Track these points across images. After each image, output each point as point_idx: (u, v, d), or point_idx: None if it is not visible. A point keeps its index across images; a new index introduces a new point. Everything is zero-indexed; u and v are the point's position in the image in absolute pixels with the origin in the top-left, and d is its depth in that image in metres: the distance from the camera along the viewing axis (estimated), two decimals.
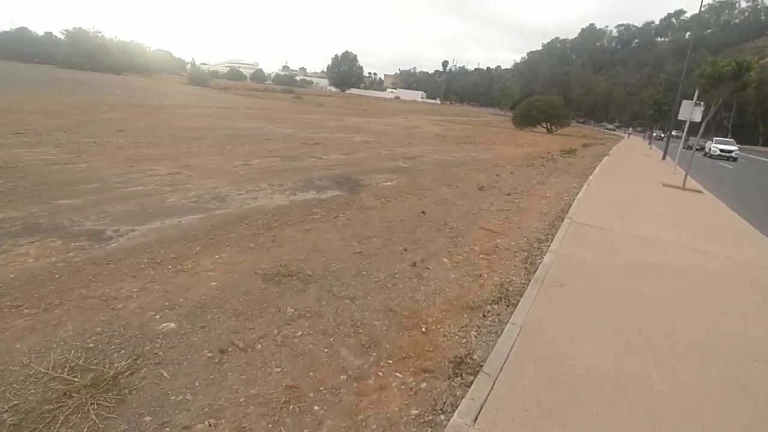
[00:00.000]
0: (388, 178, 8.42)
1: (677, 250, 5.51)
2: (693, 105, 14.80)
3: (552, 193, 9.13)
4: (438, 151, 14.43)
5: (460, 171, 10.52)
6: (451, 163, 11.90)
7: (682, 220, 7.45)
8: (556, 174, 12.29)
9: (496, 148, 18.92)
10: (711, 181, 14.89)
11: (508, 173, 11.20)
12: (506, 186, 9.28)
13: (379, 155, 11.70)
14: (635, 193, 9.78)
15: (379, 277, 3.99)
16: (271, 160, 9.08)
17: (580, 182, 10.93)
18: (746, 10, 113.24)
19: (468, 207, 6.94)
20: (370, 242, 4.81)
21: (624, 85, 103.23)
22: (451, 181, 9.04)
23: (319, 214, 5.56)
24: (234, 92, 50.94)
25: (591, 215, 6.98)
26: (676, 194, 10.41)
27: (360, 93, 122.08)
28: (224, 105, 28.74)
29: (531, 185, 9.81)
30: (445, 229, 5.65)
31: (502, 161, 13.87)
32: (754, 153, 42.98)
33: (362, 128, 21.63)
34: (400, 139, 17.90)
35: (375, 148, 13.38)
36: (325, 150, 11.75)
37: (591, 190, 9.59)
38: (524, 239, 5.61)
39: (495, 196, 8.11)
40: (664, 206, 8.55)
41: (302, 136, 15.01)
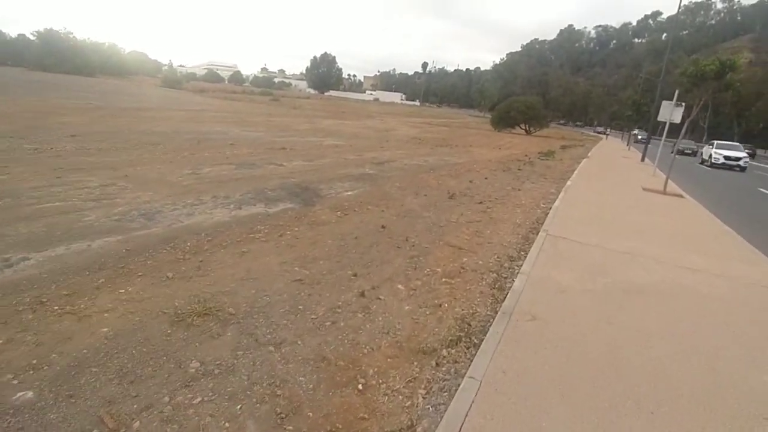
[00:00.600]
0: (350, 187, 7.76)
1: (663, 268, 5.01)
2: (673, 106, 14.61)
3: (528, 200, 8.62)
4: (410, 156, 13.85)
5: (431, 177, 9.95)
6: (422, 168, 11.32)
7: (666, 229, 7.01)
8: (533, 179, 11.84)
9: (473, 151, 18.47)
10: (689, 183, 14.70)
11: (483, 179, 10.68)
12: (479, 193, 8.73)
13: (345, 161, 11.04)
14: (615, 200, 9.36)
15: (317, 312, 3.33)
16: (226, 167, 8.33)
17: (557, 187, 10.48)
18: (722, 11, 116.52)
19: (434, 219, 6.35)
20: (315, 266, 4.15)
21: (602, 86, 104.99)
22: (419, 188, 8.45)
23: (263, 232, 4.88)
24: (210, 94, 49.60)
25: (568, 226, 6.46)
26: (657, 200, 10.04)
27: (339, 95, 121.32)
28: (195, 108, 27.68)
29: (506, 192, 9.29)
30: (406, 246, 5.03)
31: (478, 165, 13.37)
32: None
33: (335, 131, 20.94)
34: (373, 143, 17.28)
35: (343, 153, 12.73)
36: (289, 155, 11.04)
37: (569, 196, 9.13)
38: (494, 257, 5.03)
39: (466, 205, 7.54)
40: (646, 214, 8.12)
41: (269, 140, 14.25)
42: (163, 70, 76.50)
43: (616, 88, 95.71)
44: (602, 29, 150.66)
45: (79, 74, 52.43)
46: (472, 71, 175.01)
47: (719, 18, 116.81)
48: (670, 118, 14.81)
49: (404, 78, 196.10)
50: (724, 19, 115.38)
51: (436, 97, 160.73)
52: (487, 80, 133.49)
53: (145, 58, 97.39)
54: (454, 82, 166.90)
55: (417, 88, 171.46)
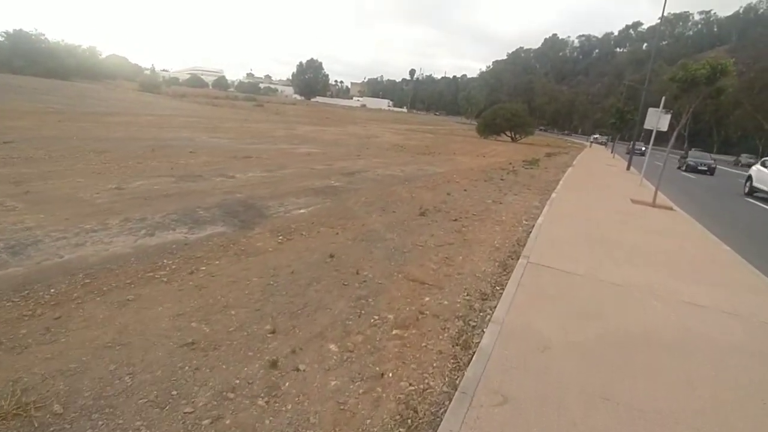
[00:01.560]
0: (305, 203, 6.76)
1: (664, 306, 4.13)
2: (660, 113, 14.01)
3: (509, 215, 7.74)
4: (387, 165, 12.93)
5: (404, 189, 9.01)
6: (396, 179, 10.39)
7: (660, 250, 6.18)
8: (516, 189, 11.00)
9: (455, 160, 17.65)
10: (675, 192, 14.06)
11: (462, 190, 9.79)
12: (456, 208, 7.82)
13: (312, 171, 10.04)
14: (603, 214, 8.55)
15: (196, 402, 2.33)
16: (164, 180, 7.27)
17: (542, 200, 9.66)
18: (699, 22, 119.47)
19: (399, 242, 5.39)
20: (222, 319, 3.15)
21: (586, 94, 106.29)
22: (388, 203, 7.50)
23: (168, 268, 3.85)
24: (190, 99, 48.15)
25: (553, 250, 5.57)
26: (647, 213, 9.28)
27: (326, 101, 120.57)
28: (167, 113, 26.41)
29: (485, 206, 8.41)
30: (355, 283, 4.06)
31: (458, 175, 12.51)
32: None
33: (312, 138, 19.96)
34: (350, 150, 16.34)
35: (313, 162, 11.74)
36: (249, 165, 10.01)
37: (554, 210, 8.28)
38: (463, 294, 4.10)
39: (439, 223, 6.61)
40: (637, 231, 7.30)
41: (236, 148, 13.20)
42: (144, 75, 74.41)
43: (599, 96, 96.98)
44: (585, 39, 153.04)
45: (53, 77, 50.52)
46: (458, 78, 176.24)
47: (697, 29, 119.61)
48: (657, 125, 14.22)
49: (392, 85, 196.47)
50: (702, 30, 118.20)
51: (423, 104, 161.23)
52: (474, 87, 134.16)
53: (125, 62, 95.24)
54: (441, 89, 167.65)
55: (404, 94, 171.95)
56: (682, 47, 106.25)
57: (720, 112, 62.12)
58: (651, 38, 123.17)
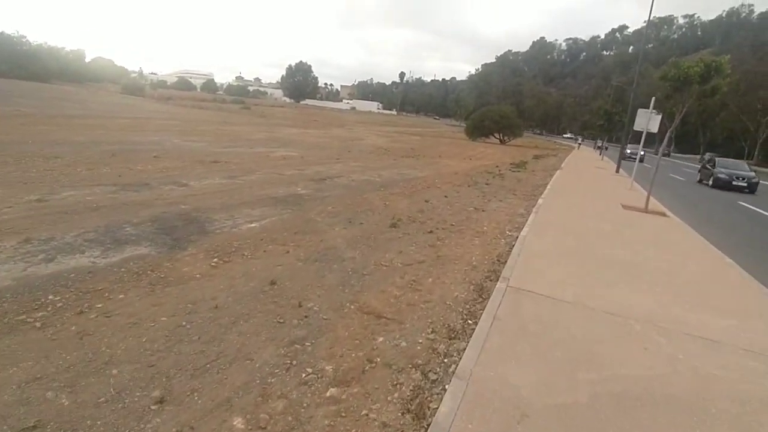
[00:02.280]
0: (260, 215, 5.98)
1: (670, 343, 3.43)
2: (650, 114, 13.48)
3: (491, 226, 7.03)
4: (366, 169, 12.19)
5: (378, 197, 8.26)
6: (372, 185, 9.64)
7: (659, 266, 5.51)
8: (502, 195, 10.33)
9: (440, 163, 16.97)
10: (665, 195, 13.51)
11: (442, 197, 9.07)
12: (433, 218, 7.09)
13: (280, 177, 9.24)
14: (593, 223, 7.89)
15: None
16: (100, 190, 6.42)
17: (528, 206, 8.98)
18: (683, 26, 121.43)
19: (359, 262, 4.64)
20: (95, 383, 2.36)
21: (574, 97, 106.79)
22: (356, 214, 6.74)
23: (52, 306, 3.04)
24: (176, 102, 46.91)
25: (537, 269, 4.86)
26: (639, 221, 8.65)
27: (315, 104, 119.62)
28: (146, 116, 25.37)
29: (466, 214, 7.69)
30: (293, 319, 3.30)
31: (441, 180, 11.80)
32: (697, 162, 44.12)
33: (293, 141, 19.15)
34: (331, 154, 15.57)
35: (285, 167, 10.95)
36: (213, 171, 9.19)
37: (540, 219, 7.60)
38: (427, 331, 3.36)
39: (411, 236, 5.87)
40: (631, 243, 6.64)
41: (207, 152, 12.37)
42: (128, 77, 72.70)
43: (586, 98, 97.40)
44: (572, 42, 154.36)
45: (34, 80, 49.00)
46: (448, 81, 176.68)
47: (681, 32, 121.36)
48: (646, 127, 13.70)
49: (382, 87, 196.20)
50: (686, 33, 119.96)
51: (413, 106, 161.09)
52: (463, 90, 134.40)
53: (111, 64, 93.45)
54: (431, 92, 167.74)
55: (394, 97, 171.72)
56: (668, 50, 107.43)
57: (706, 113, 62.54)
58: (637, 41, 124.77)
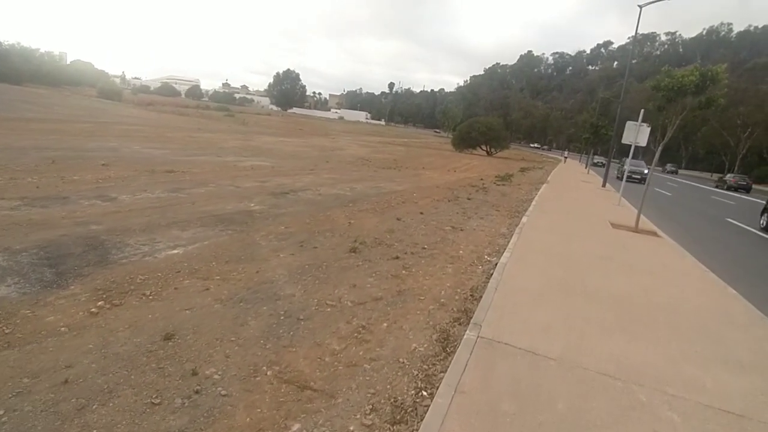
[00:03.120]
0: (189, 239, 5.02)
1: (686, 422, 2.59)
2: (638, 127, 12.94)
3: (468, 249, 6.19)
4: (338, 181, 11.31)
5: (344, 214, 7.37)
6: (340, 199, 8.75)
7: (658, 303, 4.71)
8: (484, 211, 9.53)
9: (422, 175, 16.20)
10: (652, 211, 12.91)
11: (417, 214, 8.23)
12: (402, 239, 6.23)
13: (235, 190, 8.29)
14: (582, 245, 7.11)
15: None
16: (2, 204, 5.42)
17: (511, 225, 8.19)
18: (666, 42, 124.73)
19: (298, 301, 3.73)
20: None
21: (560, 110, 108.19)
22: (312, 235, 5.83)
23: None
24: (155, 108, 45.52)
25: (518, 310, 4.02)
26: (631, 242, 7.92)
27: (303, 112, 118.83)
28: (113, 120, 24.17)
29: (442, 234, 6.85)
30: (176, 398, 2.37)
31: (419, 193, 10.98)
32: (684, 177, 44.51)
33: (268, 150, 18.20)
34: (305, 164, 14.67)
35: (247, 178, 10.01)
36: (158, 182, 8.20)
37: (524, 241, 6.79)
38: (363, 412, 2.45)
39: (372, 263, 4.99)
40: (625, 272, 5.86)
41: (165, 160, 11.37)
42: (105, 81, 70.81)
43: (572, 111, 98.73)
44: (559, 56, 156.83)
45: (4, 82, 47.18)
46: (436, 92, 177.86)
47: (663, 49, 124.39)
48: (635, 140, 13.15)
49: (370, 97, 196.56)
50: (668, 50, 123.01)
51: (401, 117, 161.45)
52: (451, 101, 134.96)
53: (90, 68, 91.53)
54: (420, 103, 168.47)
55: (383, 107, 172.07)
56: (651, 66, 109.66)
57: (687, 128, 63.53)
58: (621, 56, 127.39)
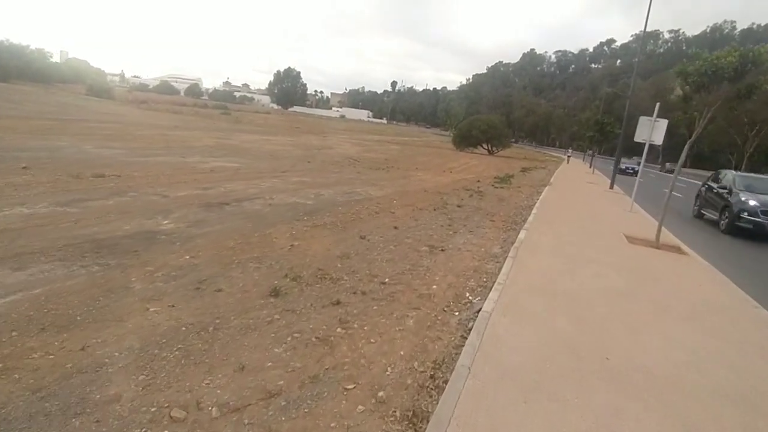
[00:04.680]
0: (18, 284, 3.41)
1: None
2: (653, 122, 11.35)
3: (444, 284, 4.64)
4: (306, 186, 9.76)
5: (290, 232, 5.82)
6: (296, 211, 7.18)
7: (719, 386, 3.17)
8: (475, 223, 7.98)
9: (412, 177, 14.64)
10: (667, 214, 11.29)
11: (390, 228, 6.68)
12: (358, 269, 4.68)
13: (158, 201, 6.71)
14: (594, 275, 5.55)
15: None
16: None
17: (505, 242, 6.64)
18: (669, 40, 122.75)
19: (117, 416, 2.21)
20: None
21: (563, 108, 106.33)
22: (227, 268, 4.29)
23: None
24: (148, 106, 43.94)
25: (501, 414, 2.48)
26: (654, 264, 6.36)
27: (304, 111, 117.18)
28: (80, 117, 22.55)
29: (415, 259, 5.30)
30: None
31: (402, 200, 9.44)
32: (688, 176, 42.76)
33: (245, 150, 16.68)
34: (279, 166, 13.14)
35: (187, 185, 8.45)
36: (57, 191, 6.68)
37: (519, 270, 5.24)
38: None
39: (295, 315, 3.45)
40: (657, 320, 4.31)
41: (111, 162, 9.91)
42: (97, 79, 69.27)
43: (575, 109, 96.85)
44: (562, 54, 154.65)
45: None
46: (439, 91, 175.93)
47: (667, 47, 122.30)
48: (650, 138, 11.56)
49: (373, 96, 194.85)
50: (672, 48, 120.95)
51: (403, 115, 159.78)
52: (453, 100, 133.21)
53: (86, 66, 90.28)
54: (422, 101, 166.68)
55: (385, 106, 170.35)
56: (654, 64, 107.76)
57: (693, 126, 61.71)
58: (624, 55, 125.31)
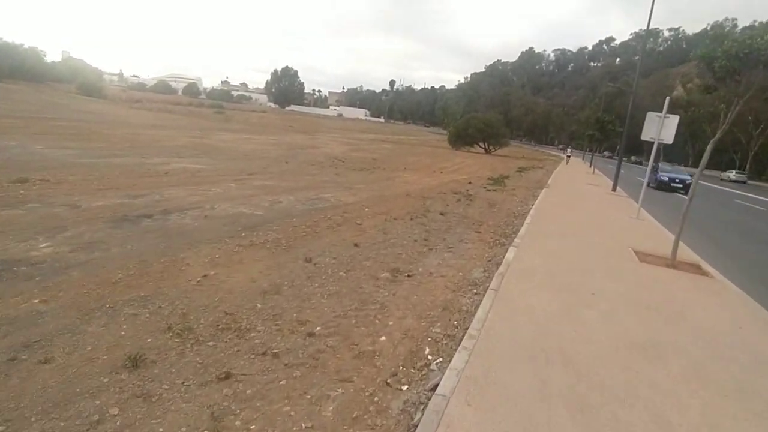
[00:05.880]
0: None
1: None
2: (662, 119, 10.16)
3: (398, 333, 3.43)
4: (266, 192, 8.55)
5: (210, 256, 4.62)
6: (237, 225, 5.98)
7: None
8: (456, 236, 6.78)
9: (397, 178, 13.44)
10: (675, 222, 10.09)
11: (349, 246, 5.48)
12: (281, 312, 3.49)
13: (54, 215, 5.45)
14: (600, 313, 4.37)
15: None
16: None
17: (489, 263, 5.45)
18: (669, 38, 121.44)
19: None
20: None
21: (562, 106, 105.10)
22: (84, 318, 3.07)
23: None
24: (143, 105, 42.48)
25: None
26: (674, 292, 5.18)
27: (301, 110, 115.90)
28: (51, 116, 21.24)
29: (365, 294, 4.10)
30: None
31: (375, 208, 8.24)
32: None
33: (219, 149, 15.48)
34: (249, 167, 11.95)
35: (118, 192, 7.26)
36: None
37: (502, 310, 4.06)
38: None
39: (146, 412, 2.27)
40: (692, 395, 3.14)
41: (55, 164, 8.81)
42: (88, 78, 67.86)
43: (574, 108, 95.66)
44: (560, 53, 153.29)
45: None
46: (437, 89, 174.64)
47: (667, 45, 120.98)
48: (658, 136, 10.38)
49: (371, 95, 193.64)
50: (671, 46, 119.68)
51: (401, 114, 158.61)
52: (451, 98, 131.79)
53: (83, 65, 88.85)
54: (420, 100, 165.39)
55: (383, 105, 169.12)
56: (654, 62, 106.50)
57: (695, 124, 60.57)
58: (623, 53, 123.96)
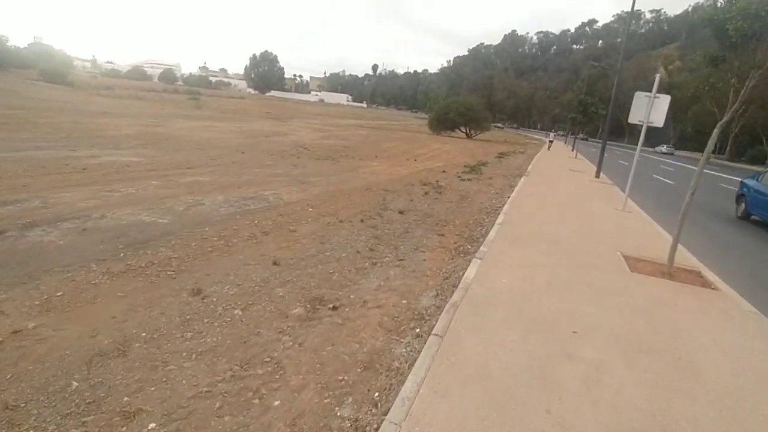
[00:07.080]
0: None
1: None
2: (651, 99, 9.11)
3: (279, 427, 2.31)
4: (194, 191, 7.21)
5: (45, 296, 3.35)
6: (122, 238, 4.67)
7: None
8: (411, 243, 5.62)
9: (364, 168, 12.17)
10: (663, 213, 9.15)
11: (266, 264, 4.29)
12: (100, 399, 2.30)
13: None
14: (584, 373, 3.30)
15: None
16: None
17: (445, 282, 4.30)
18: (650, 20, 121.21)
19: None
20: None
21: (545, 90, 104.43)
22: None
23: None
24: (113, 93, 39.41)
25: None
26: (676, 317, 4.13)
27: (282, 95, 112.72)
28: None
29: (254, 351, 2.88)
30: None
31: (324, 206, 7.01)
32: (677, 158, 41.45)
33: (171, 138, 13.94)
34: (199, 157, 10.54)
35: (10, 192, 5.93)
36: None
37: (444, 374, 2.93)
38: None
39: None
40: None
41: None
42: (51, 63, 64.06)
43: (557, 91, 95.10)
44: (543, 35, 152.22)
45: None
46: (420, 73, 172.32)
47: (649, 27, 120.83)
48: (647, 119, 9.35)
49: (353, 80, 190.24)
50: (653, 28, 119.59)
51: (383, 98, 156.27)
52: (433, 82, 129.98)
53: (50, 50, 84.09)
54: (402, 84, 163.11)
55: (365, 90, 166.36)
56: (636, 44, 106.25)
57: (677, 106, 60.48)
58: (606, 35, 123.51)
